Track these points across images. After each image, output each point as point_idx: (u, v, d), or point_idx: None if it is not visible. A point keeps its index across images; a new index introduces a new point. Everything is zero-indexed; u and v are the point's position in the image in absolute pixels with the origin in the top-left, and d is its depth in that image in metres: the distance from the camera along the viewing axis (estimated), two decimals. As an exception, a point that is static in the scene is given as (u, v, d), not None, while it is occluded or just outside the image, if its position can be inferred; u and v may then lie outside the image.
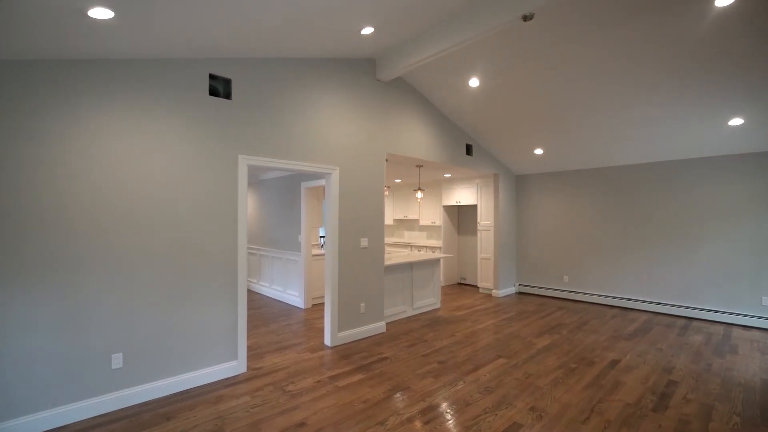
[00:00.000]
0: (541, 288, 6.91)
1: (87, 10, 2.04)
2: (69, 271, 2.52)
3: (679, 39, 3.21)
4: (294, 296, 6.02)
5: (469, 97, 4.89)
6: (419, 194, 6.77)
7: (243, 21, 2.64)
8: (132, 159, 2.77)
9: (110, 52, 2.58)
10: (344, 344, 4.11)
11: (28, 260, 2.38)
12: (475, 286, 7.77)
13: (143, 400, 2.80)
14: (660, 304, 5.57)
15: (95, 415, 2.61)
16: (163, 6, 2.20)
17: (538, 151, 6.06)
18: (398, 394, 2.95)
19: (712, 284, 5.14)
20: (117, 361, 2.71)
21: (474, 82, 4.50)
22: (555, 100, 4.53)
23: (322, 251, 6.18)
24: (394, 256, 5.79)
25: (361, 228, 4.34)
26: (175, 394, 2.92)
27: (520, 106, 4.83)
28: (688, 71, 3.57)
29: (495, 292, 6.84)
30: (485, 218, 7.07)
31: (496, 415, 2.65)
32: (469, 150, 5.99)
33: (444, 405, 2.78)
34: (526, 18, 2.98)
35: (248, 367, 3.45)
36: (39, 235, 2.42)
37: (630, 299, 5.86)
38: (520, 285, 7.21)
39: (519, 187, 7.28)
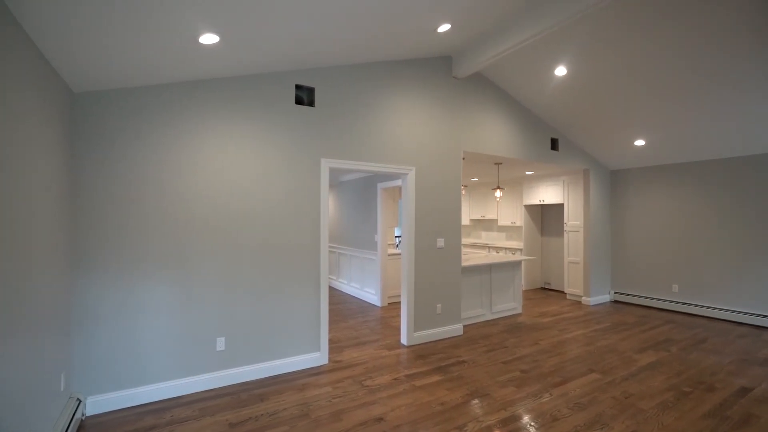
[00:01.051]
0: (643, 297, 6.08)
1: (198, 37, 2.35)
2: (183, 263, 2.93)
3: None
4: (371, 294, 6.19)
5: (555, 87, 4.52)
6: (498, 193, 6.47)
7: (328, 36, 2.78)
8: (230, 166, 3.12)
9: (210, 73, 2.94)
10: (420, 344, 4.10)
11: (152, 254, 2.82)
12: (562, 292, 7.15)
13: (240, 381, 3.13)
14: (810, 324, 4.51)
15: (203, 389, 2.99)
16: (259, 28, 2.43)
17: (639, 143, 5.35)
18: (477, 400, 2.84)
19: None
20: (220, 343, 3.07)
21: (560, 71, 4.14)
22: (662, 82, 3.95)
23: (397, 251, 6.26)
24: (471, 257, 5.62)
25: (438, 228, 4.29)
26: (267, 378, 3.20)
27: (617, 92, 4.31)
28: None
29: (585, 300, 6.21)
30: (573, 218, 6.47)
31: (589, 435, 2.39)
32: (554, 144, 5.54)
33: (527, 417, 2.61)
34: (624, -8, 2.65)
35: (329, 360, 3.63)
36: (160, 232, 2.85)
37: (766, 316, 4.84)
38: (615, 293, 6.44)
39: (614, 183, 6.51)
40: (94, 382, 2.64)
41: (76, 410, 2.39)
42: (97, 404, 2.63)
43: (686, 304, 5.57)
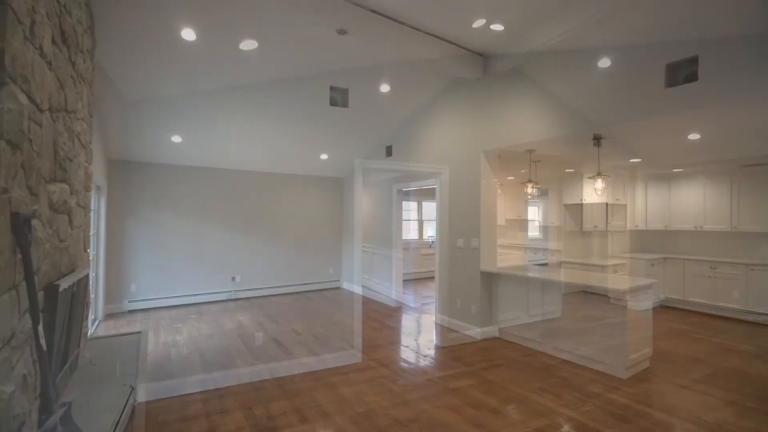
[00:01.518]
0: (697, 303, 5.64)
1: (239, 44, 2.44)
2: (224, 259, 3.06)
3: None
4: (404, 294, 6.18)
5: (598, 80, 4.28)
6: (530, 188, 6.22)
7: (362, 40, 2.80)
8: (270, 167, 3.22)
9: (247, 78, 3.04)
10: (454, 345, 4.04)
11: (194, 248, 2.97)
12: (605, 296, 6.77)
13: (276, 376, 3.22)
14: None
15: (242, 382, 3.10)
16: (295, 34, 2.49)
17: (693, 136, 4.96)
18: (513, 406, 2.75)
19: None
20: (258, 338, 3.17)
21: (604, 63, 3.92)
22: (719, 71, 3.63)
23: (431, 251, 6.20)
24: (506, 259, 5.45)
25: (472, 228, 4.21)
26: (301, 374, 3.27)
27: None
28: None
29: (631, 304, 5.84)
30: (617, 218, 6.11)
31: (637, 449, 2.25)
32: (597, 140, 5.25)
33: (567, 427, 2.49)
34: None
35: (362, 358, 3.66)
36: (202, 231, 3.00)
37: (844, 328, 4.34)
38: (665, 298, 6.02)
39: (663, 180, 6.08)
40: (145, 371, 2.81)
41: (129, 396, 2.57)
42: (146, 392, 2.81)
43: (749, 312, 5.10)
